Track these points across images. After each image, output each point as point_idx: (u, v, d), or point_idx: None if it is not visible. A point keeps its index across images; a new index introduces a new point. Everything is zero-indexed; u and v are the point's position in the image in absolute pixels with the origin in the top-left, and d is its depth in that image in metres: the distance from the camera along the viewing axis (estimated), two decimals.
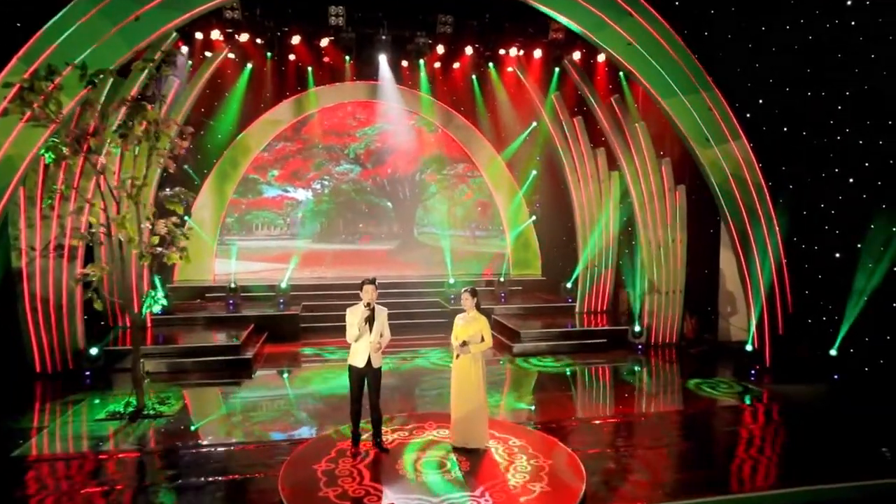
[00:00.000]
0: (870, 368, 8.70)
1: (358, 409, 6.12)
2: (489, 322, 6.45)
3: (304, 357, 10.94)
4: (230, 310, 12.42)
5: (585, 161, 13.08)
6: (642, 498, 5.28)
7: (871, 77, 8.61)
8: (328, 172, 15.30)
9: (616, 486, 5.58)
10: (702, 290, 11.76)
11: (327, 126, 15.17)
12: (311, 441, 6.49)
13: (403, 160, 15.62)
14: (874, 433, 6.78)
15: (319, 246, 15.27)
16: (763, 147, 9.61)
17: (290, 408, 8.03)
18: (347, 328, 6.04)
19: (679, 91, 9.29)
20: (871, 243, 8.76)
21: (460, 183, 16.08)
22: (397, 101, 15.29)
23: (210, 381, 9.21)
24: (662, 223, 11.44)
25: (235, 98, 14.15)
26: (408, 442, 6.44)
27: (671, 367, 10.26)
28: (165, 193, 7.63)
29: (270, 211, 15.04)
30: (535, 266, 16.13)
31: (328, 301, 13.38)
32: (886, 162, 8.55)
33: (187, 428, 7.20)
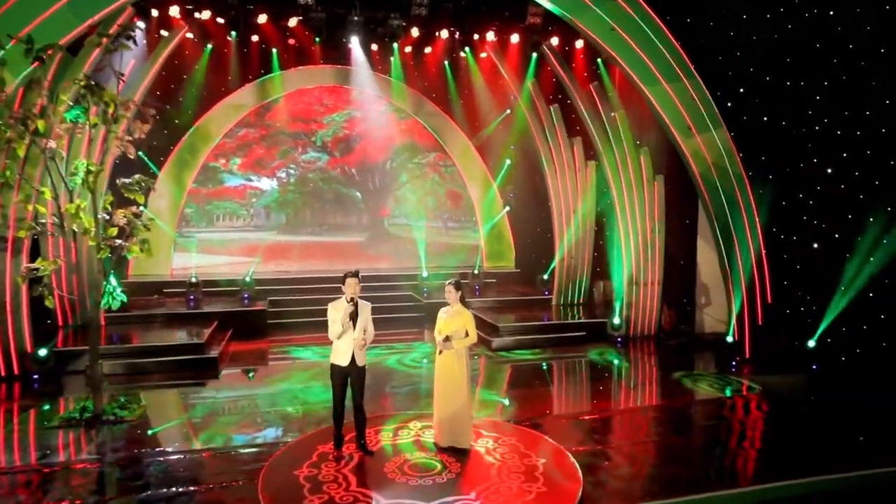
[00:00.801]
0: (847, 358, 8.92)
1: (341, 411, 5.88)
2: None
3: (273, 355, 10.60)
4: (191, 306, 11.96)
5: (562, 150, 13.03)
6: (640, 495, 5.22)
7: (849, 68, 8.77)
8: (294, 161, 14.85)
9: (613, 483, 5.51)
10: (679, 281, 11.88)
11: (293, 112, 14.70)
12: (289, 445, 6.21)
13: (373, 148, 15.28)
14: (859, 423, 6.91)
15: (285, 238, 14.82)
16: (743, 136, 9.71)
17: (263, 409, 7.71)
18: (329, 325, 5.78)
19: (662, 79, 9.28)
20: (849, 233, 8.97)
21: (432, 172, 15.85)
22: (367, 86, 14.94)
23: (173, 383, 8.79)
24: (641, 213, 11.50)
25: (194, 81, 13.55)
26: (393, 443, 6.25)
27: (653, 359, 10.34)
28: (124, 181, 7.16)
29: (233, 201, 14.51)
30: (508, 258, 16.07)
31: (296, 296, 13.04)
32: (864, 152, 8.74)
33: (152, 434, 6.81)
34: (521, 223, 15.77)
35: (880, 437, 6.51)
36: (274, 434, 6.78)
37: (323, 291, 13.10)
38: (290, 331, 11.85)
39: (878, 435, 6.55)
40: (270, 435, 6.76)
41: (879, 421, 6.94)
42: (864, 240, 8.74)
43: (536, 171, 14.36)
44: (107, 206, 7.08)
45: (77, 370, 8.84)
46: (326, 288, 13.25)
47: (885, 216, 8.46)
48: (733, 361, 9.57)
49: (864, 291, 8.76)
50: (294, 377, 9.09)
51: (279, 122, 14.64)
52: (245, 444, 6.43)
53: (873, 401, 7.56)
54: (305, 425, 6.96)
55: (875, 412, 7.18)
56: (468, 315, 6.13)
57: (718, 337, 11.02)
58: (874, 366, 8.46)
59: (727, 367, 9.40)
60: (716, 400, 8.00)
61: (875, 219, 8.61)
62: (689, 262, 11.94)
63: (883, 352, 8.48)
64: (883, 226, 8.50)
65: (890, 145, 8.36)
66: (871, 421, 6.93)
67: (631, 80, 9.54)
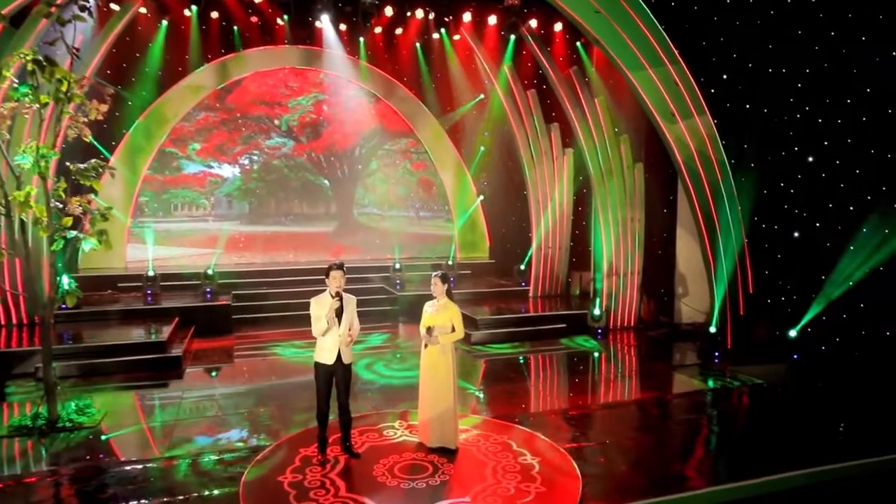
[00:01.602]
0: (827, 347, 9.13)
1: (326, 411, 5.65)
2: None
3: (241, 352, 10.23)
4: (148, 301, 11.45)
5: (539, 137, 12.96)
6: (641, 490, 5.18)
7: (830, 55, 8.91)
8: (257, 146, 14.35)
9: (612, 479, 5.46)
10: (657, 271, 11.99)
11: (256, 94, 14.19)
12: (269, 449, 5.94)
13: (342, 134, 14.91)
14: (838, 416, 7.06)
15: (249, 229, 14.35)
16: (727, 124, 9.79)
17: (234, 411, 7.38)
18: (313, 322, 5.53)
19: (647, 63, 9.26)
20: (829, 223, 9.16)
21: (403, 159, 15.59)
22: (335, 68, 14.54)
23: (134, 384, 8.37)
24: (621, 202, 11.54)
25: (149, 59, 12.92)
26: (379, 444, 6.06)
27: (635, 351, 10.41)
28: (78, 166, 6.70)
29: (192, 189, 13.94)
30: (482, 249, 15.97)
31: (262, 289, 12.66)
32: (844, 141, 8.92)
33: (115, 441, 6.44)
34: (495, 212, 15.68)
35: (861, 429, 6.64)
36: (250, 438, 6.49)
37: (291, 285, 12.81)
38: (258, 326, 11.49)
39: (860, 428, 6.69)
40: (246, 439, 6.47)
41: (860, 414, 7.10)
42: (845, 229, 8.93)
43: (511, 158, 14.28)
44: (60, 193, 6.61)
45: (26, 373, 8.34)
46: (294, 281, 12.97)
47: (865, 205, 8.65)
48: (716, 352, 9.69)
49: (844, 281, 8.96)
50: (265, 376, 8.79)
51: (241, 105, 14.11)
52: (220, 448, 6.13)
53: (852, 392, 7.73)
54: (283, 427, 6.71)
55: (855, 404, 7.33)
56: (455, 309, 5.99)
57: (697, 327, 11.17)
58: (854, 354, 8.68)
59: (711, 358, 9.51)
60: (708, 392, 8.07)
61: (855, 208, 8.80)
62: (667, 252, 12.05)
63: (862, 340, 8.70)
64: (863, 215, 8.69)
65: (870, 134, 8.54)
66: (851, 414, 7.08)
67: (615, 64, 9.50)
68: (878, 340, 8.50)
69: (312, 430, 6.06)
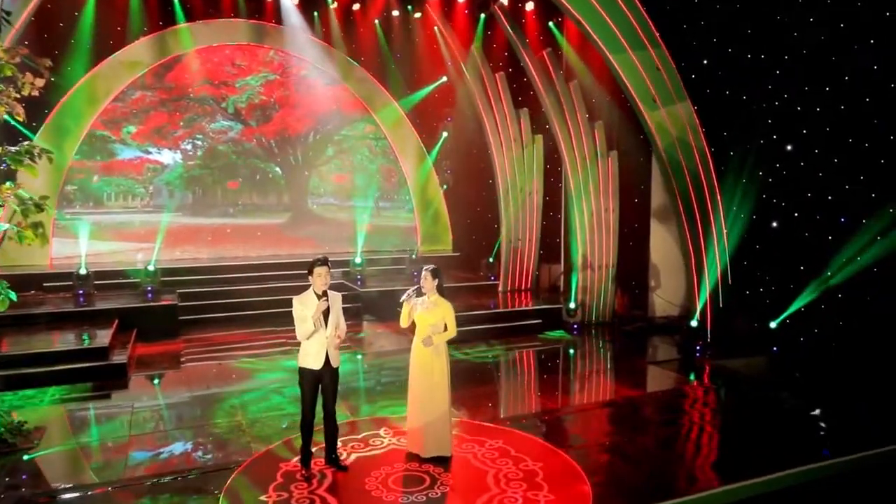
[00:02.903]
0: (805, 339, 9.41)
1: (311, 421, 5.33)
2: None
3: (191, 357, 9.70)
4: (80, 302, 10.73)
5: (508, 122, 12.85)
6: (653, 494, 5.13)
7: (809, 41, 9.13)
8: (201, 130, 13.65)
9: (621, 483, 5.39)
10: (631, 263, 12.11)
11: (200, 73, 13.47)
12: (245, 465, 5.57)
13: (294, 118, 14.37)
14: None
15: (192, 221, 13.66)
16: (707, 110, 9.93)
17: (194, 423, 6.92)
18: (297, 324, 5.21)
19: (628, 46, 9.26)
20: (807, 212, 9.43)
21: (361, 146, 15.19)
22: (288, 46, 14.00)
23: (74, 396, 7.77)
24: (595, 191, 11.57)
25: (77, 31, 12.03)
26: (366, 455, 5.80)
27: (615, 347, 10.47)
28: (9, 149, 6.08)
29: (127, 177, 13.13)
30: (445, 241, 15.79)
31: (210, 287, 12.08)
32: (823, 129, 9.18)
33: (62, 462, 5.90)
34: (459, 203, 15.50)
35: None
36: (217, 453, 6.09)
37: (242, 282, 12.31)
38: (208, 328, 10.93)
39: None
40: (214, 454, 6.06)
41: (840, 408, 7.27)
42: (823, 218, 9.21)
43: (475, 145, 14.13)
44: None
45: None
46: (246, 278, 12.47)
47: (844, 194, 8.94)
48: (697, 345, 9.84)
49: (822, 271, 9.24)
50: (223, 383, 8.33)
51: (183, 84, 13.38)
52: (185, 467, 5.71)
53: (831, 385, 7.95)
54: (254, 440, 6.33)
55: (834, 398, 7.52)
56: (447, 306, 5.78)
57: (672, 320, 11.38)
58: (831, 346, 8.97)
59: (692, 352, 9.65)
60: (695, 387, 8.17)
61: (834, 197, 9.08)
62: (640, 244, 12.19)
63: (840, 331, 9.00)
64: (842, 204, 8.97)
65: (849, 122, 8.80)
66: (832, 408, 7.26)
67: (596, 46, 9.47)
68: (855, 330, 8.80)
69: (292, 442, 5.74)
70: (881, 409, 7.02)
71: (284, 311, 11.30)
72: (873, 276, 8.59)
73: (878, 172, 8.49)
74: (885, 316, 8.32)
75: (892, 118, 8.29)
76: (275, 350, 9.92)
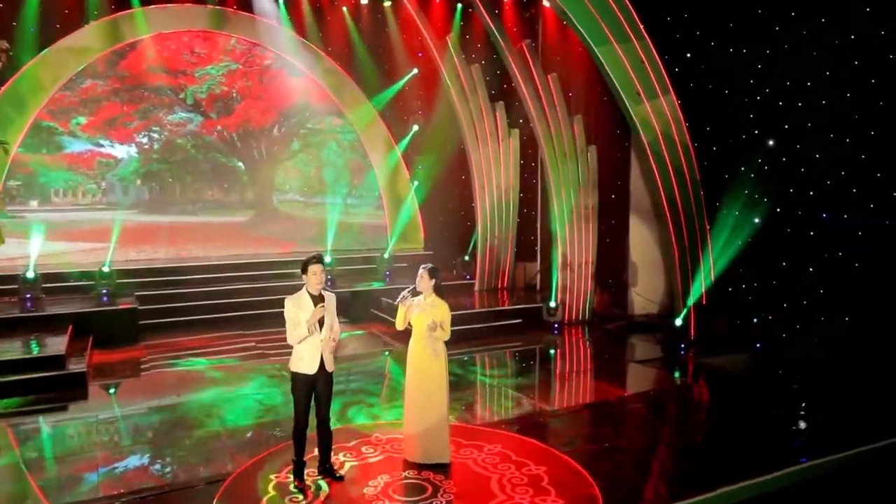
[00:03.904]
0: (787, 335, 9.67)
1: (304, 430, 5.16)
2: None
3: (155, 364, 9.35)
4: (28, 307, 10.23)
5: (484, 116, 12.82)
6: (660, 495, 5.16)
7: (789, 36, 9.39)
8: (158, 122, 13.16)
9: (627, 484, 5.42)
10: (609, 260, 12.25)
11: (156, 61, 12.97)
12: (231, 480, 5.36)
13: (257, 110, 14.01)
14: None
15: (149, 219, 13.16)
16: (690, 105, 10.10)
17: (168, 436, 6.63)
18: (290, 327, 5.06)
19: (613, 39, 9.34)
20: (789, 208, 9.69)
21: (329, 140, 14.92)
22: (251, 33, 13.63)
23: (27, 410, 7.37)
24: (575, 187, 11.64)
25: (22, 12, 11.46)
26: (360, 464, 5.67)
27: (598, 346, 10.56)
28: None
29: (77, 172, 12.56)
30: (416, 239, 15.65)
31: (171, 289, 11.68)
32: (805, 125, 9.45)
33: (22, 482, 5.56)
34: (431, 199, 15.38)
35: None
36: (198, 467, 5.85)
37: (205, 283, 11.98)
38: (171, 333, 10.57)
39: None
40: (194, 468, 5.81)
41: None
42: (805, 214, 9.48)
43: (448, 139, 14.05)
44: None
45: None
46: (209, 279, 12.15)
47: (825, 189, 9.22)
48: (682, 344, 9.99)
49: (803, 266, 9.52)
50: (193, 390, 8.04)
51: (138, 72, 12.85)
52: (165, 483, 5.46)
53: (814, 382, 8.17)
54: (237, 450, 6.14)
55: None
56: (445, 308, 5.72)
57: (652, 318, 11.56)
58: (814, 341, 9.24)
59: (677, 350, 9.80)
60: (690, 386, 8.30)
61: (815, 192, 9.36)
62: (618, 241, 12.34)
63: (820, 325, 9.28)
64: (823, 199, 9.25)
65: (830, 117, 9.08)
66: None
67: (581, 37, 9.51)
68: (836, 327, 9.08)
69: (280, 452, 5.55)
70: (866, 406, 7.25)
71: (252, 313, 11.53)
72: (853, 272, 8.90)
73: (859, 168, 8.78)
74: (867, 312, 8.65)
75: (873, 114, 8.58)
76: (245, 354, 9.64)
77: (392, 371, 8.99)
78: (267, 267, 13.05)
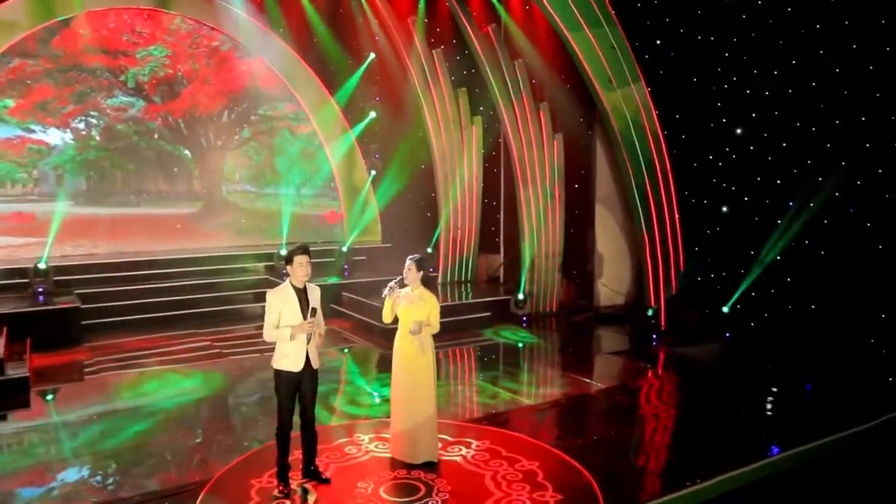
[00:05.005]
0: (756, 324, 10.01)
1: (289, 431, 4.99)
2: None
3: (102, 367, 8.95)
4: None
5: (447, 103, 12.74)
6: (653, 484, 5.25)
7: (756, 24, 9.67)
8: (96, 106, 12.52)
9: (620, 476, 5.48)
10: (575, 251, 12.39)
11: (92, 40, 12.32)
12: (209, 488, 5.13)
13: (205, 94, 13.52)
14: None
15: (87, 210, 12.54)
16: (660, 92, 10.28)
17: (126, 442, 6.31)
18: (268, 324, 4.89)
19: (585, 24, 9.41)
20: (757, 196, 10.01)
21: (281, 127, 14.54)
22: (196, 13, 13.14)
23: None
24: (542, 176, 11.71)
25: None
26: (345, 465, 5.55)
27: (568, 338, 10.67)
28: None
29: (4, 160, 11.83)
30: (373, 231, 15.45)
31: (115, 286, 11.21)
32: (772, 113, 9.76)
33: None
34: (389, 189, 15.18)
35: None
36: (167, 475, 5.58)
37: (152, 280, 11.59)
38: (117, 333, 10.12)
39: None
40: (162, 477, 5.55)
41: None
42: (773, 202, 9.81)
43: (407, 127, 13.90)
44: None
45: None
46: (156, 275, 11.75)
47: (792, 178, 9.56)
48: (654, 335, 10.20)
49: (772, 255, 9.85)
50: (147, 394, 7.72)
51: (72, 52, 12.19)
52: (135, 494, 5.18)
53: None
54: (207, 457, 5.89)
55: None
56: (433, 300, 5.68)
57: (618, 309, 11.77)
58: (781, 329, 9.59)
59: (649, 341, 10.00)
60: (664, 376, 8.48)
61: (783, 181, 9.70)
62: (582, 231, 12.50)
63: (790, 314, 9.64)
64: (791, 188, 9.59)
65: (796, 106, 9.41)
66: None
67: (553, 22, 9.53)
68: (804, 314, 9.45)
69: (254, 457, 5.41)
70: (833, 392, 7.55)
71: (204, 311, 11.14)
72: (819, 259, 9.27)
73: (824, 156, 9.13)
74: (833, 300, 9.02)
75: (838, 103, 8.93)
76: (201, 354, 9.31)
77: (350, 370, 8.78)
78: (217, 262, 12.69)
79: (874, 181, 8.62)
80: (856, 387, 7.57)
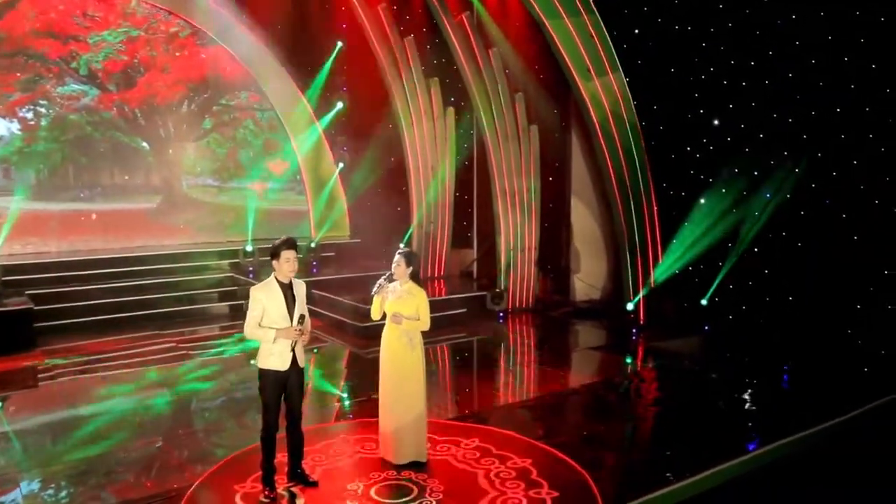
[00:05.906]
0: (734, 316, 10.21)
1: (275, 433, 4.87)
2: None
3: (59, 371, 8.67)
4: None
5: (419, 93, 12.65)
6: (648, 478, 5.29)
7: (735, 14, 9.84)
8: (45, 94, 12.08)
9: (617, 471, 5.52)
10: (551, 245, 12.46)
11: (40, 23, 11.86)
12: (190, 495, 4.97)
13: (164, 83, 13.15)
14: None
15: (37, 206, 12.12)
16: (638, 82, 10.37)
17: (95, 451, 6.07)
18: (252, 321, 4.78)
19: (564, 12, 9.43)
20: (733, 187, 10.19)
21: (245, 118, 14.25)
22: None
23: None
24: (517, 169, 11.72)
25: None
26: (332, 466, 5.45)
27: (548, 333, 10.71)
28: None
29: None
30: (342, 227, 15.29)
31: (69, 286, 10.87)
32: (749, 104, 9.95)
33: None
34: (357, 183, 15.01)
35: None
36: (142, 483, 5.39)
37: (108, 279, 11.28)
38: (73, 336, 9.81)
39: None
40: (137, 485, 5.35)
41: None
42: (749, 194, 10.00)
43: (376, 118, 13.76)
44: None
45: None
46: (112, 274, 11.45)
47: (769, 170, 9.76)
48: (633, 329, 10.31)
49: (749, 247, 10.05)
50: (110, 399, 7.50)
51: (18, 36, 11.72)
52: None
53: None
54: (184, 462, 5.72)
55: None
56: (422, 296, 5.62)
57: (594, 304, 11.89)
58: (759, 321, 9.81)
59: (629, 335, 10.10)
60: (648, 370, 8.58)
61: (759, 172, 9.90)
62: (557, 224, 12.57)
63: (767, 306, 9.86)
64: (767, 180, 9.80)
65: (772, 96, 9.61)
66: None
67: (530, 9, 9.52)
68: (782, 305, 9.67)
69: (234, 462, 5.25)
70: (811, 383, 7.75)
71: (167, 311, 10.84)
72: (796, 251, 9.51)
73: (800, 148, 9.36)
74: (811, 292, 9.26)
75: (813, 93, 9.15)
76: (166, 356, 9.06)
77: (316, 369, 8.67)
78: (179, 259, 12.40)
79: (850, 172, 8.88)
80: (833, 378, 7.77)
